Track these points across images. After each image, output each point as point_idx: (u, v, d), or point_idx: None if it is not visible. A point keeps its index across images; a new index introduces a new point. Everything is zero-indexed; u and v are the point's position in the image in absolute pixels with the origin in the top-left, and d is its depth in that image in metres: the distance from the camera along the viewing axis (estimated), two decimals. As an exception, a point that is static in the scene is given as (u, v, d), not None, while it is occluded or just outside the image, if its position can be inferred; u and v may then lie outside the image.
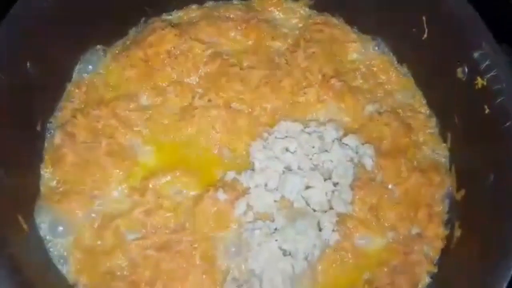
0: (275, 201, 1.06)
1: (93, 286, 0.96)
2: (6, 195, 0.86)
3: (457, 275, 0.98)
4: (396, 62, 1.26)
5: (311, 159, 1.11)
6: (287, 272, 0.99)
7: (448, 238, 1.05)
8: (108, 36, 1.22)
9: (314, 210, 1.05)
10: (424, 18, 1.13)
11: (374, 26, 1.27)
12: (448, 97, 1.13)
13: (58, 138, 1.09)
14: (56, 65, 1.11)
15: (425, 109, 1.21)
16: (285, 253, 1.00)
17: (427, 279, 1.02)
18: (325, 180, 1.08)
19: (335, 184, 1.08)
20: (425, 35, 1.15)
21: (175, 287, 0.96)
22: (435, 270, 1.02)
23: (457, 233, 1.03)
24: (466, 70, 1.05)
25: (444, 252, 1.04)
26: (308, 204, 1.06)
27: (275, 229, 1.02)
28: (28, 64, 1.01)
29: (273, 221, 1.04)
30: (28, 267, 0.78)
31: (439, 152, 1.16)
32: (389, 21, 1.23)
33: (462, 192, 1.07)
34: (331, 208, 1.06)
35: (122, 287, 0.95)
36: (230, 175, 1.08)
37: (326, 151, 1.11)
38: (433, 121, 1.19)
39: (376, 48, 1.28)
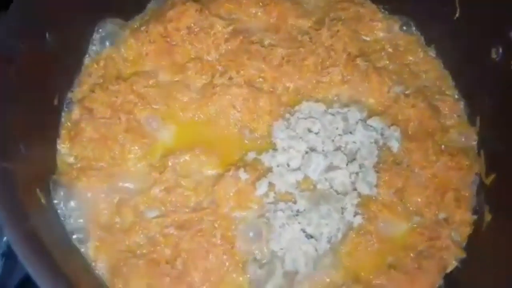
0: (297, 181, 1.02)
1: (112, 264, 0.94)
2: (25, 170, 0.84)
3: (486, 260, 0.95)
4: (424, 43, 1.22)
5: (333, 140, 1.07)
6: (310, 254, 0.96)
7: (477, 224, 1.02)
8: (126, 10, 1.20)
9: (338, 193, 1.02)
10: (456, -5, 1.09)
11: (401, 4, 1.23)
12: (479, 79, 1.10)
13: (76, 113, 1.06)
14: (74, 37, 1.09)
15: (453, 91, 1.17)
16: (308, 236, 0.98)
17: (455, 264, 0.99)
18: (348, 161, 1.05)
19: (359, 166, 1.05)
20: (457, 14, 1.10)
21: (195, 266, 0.93)
22: (464, 255, 0.99)
23: (487, 218, 1.00)
24: (501, 50, 1.01)
25: (473, 237, 1.01)
26: (331, 186, 1.03)
27: (298, 211, 1.00)
28: (47, 35, 0.97)
29: (295, 203, 1.01)
30: (48, 241, 0.76)
31: (468, 136, 1.12)
32: (417, -1, 1.19)
33: (492, 176, 1.03)
34: (354, 190, 1.03)
35: (141, 265, 0.93)
36: (251, 155, 1.05)
37: (350, 132, 1.08)
38: (462, 103, 1.16)
39: (403, 27, 1.24)
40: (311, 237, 0.97)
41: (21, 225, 0.72)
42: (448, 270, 0.98)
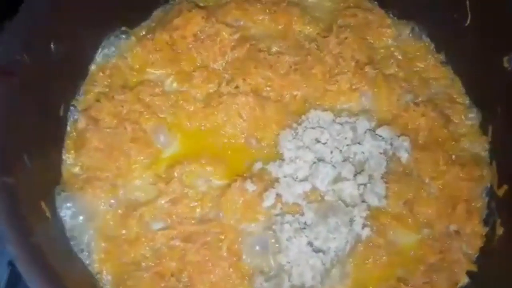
0: (305, 192, 1.01)
1: (117, 276, 0.93)
2: (29, 181, 0.83)
3: (499, 275, 0.93)
4: (433, 49, 1.20)
5: (341, 151, 1.05)
6: (317, 268, 0.94)
7: (489, 236, 1.00)
8: (132, 17, 1.19)
9: (346, 205, 1.00)
10: (467, 2, 1.06)
11: (410, 10, 1.21)
12: (490, 88, 1.07)
13: (82, 122, 1.05)
14: (79, 47, 1.08)
15: (464, 100, 1.15)
16: (315, 249, 0.96)
17: (466, 279, 0.97)
18: (357, 172, 1.03)
19: (367, 177, 1.03)
20: (468, 21, 1.08)
21: (201, 280, 0.92)
22: (475, 269, 0.97)
23: (499, 231, 0.97)
24: (514, 59, 0.99)
25: (485, 251, 0.99)
26: (339, 198, 1.01)
27: (305, 223, 0.98)
28: (52, 44, 0.97)
29: (302, 215, 0.99)
30: (52, 256, 0.75)
31: (479, 145, 1.10)
32: (427, 5, 1.17)
33: (504, 188, 1.01)
34: (363, 201, 1.01)
35: (146, 277, 0.92)
36: (258, 165, 1.04)
37: (359, 143, 1.06)
38: (473, 112, 1.13)
39: (412, 34, 1.22)
40: (319, 251, 0.95)
41: (25, 241, 0.71)
42: (459, 286, 0.96)
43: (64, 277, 0.74)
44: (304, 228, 0.97)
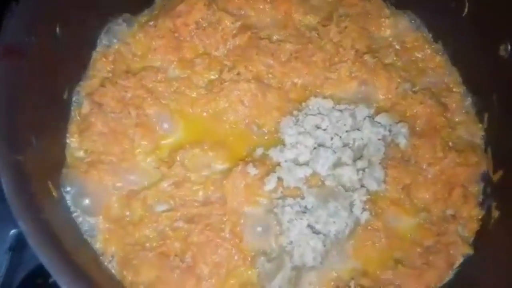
0: (305, 176, 1.03)
1: (122, 256, 0.95)
2: (37, 162, 0.84)
3: (495, 256, 0.95)
4: (431, 39, 1.22)
5: (341, 137, 1.08)
6: (318, 249, 0.96)
7: (484, 220, 1.02)
8: (135, 4, 1.20)
9: (346, 190, 1.02)
10: (465, -8, 1.09)
11: (409, 1, 1.22)
12: (487, 76, 1.10)
13: (86, 107, 1.06)
14: (83, 31, 1.09)
15: (460, 88, 1.18)
16: (316, 231, 0.98)
17: (462, 260, 0.99)
18: (356, 158, 1.06)
19: (366, 162, 1.05)
20: (466, 10, 1.10)
21: (204, 260, 0.94)
22: (471, 251, 1.00)
23: (495, 214, 1.00)
24: (510, 47, 1.01)
25: (481, 233, 1.01)
26: (339, 183, 1.03)
27: (306, 207, 1.00)
28: (57, 28, 0.97)
29: (303, 198, 1.01)
30: (60, 233, 0.76)
31: (475, 132, 1.12)
32: (425, -5, 1.19)
33: (500, 173, 1.03)
34: (362, 186, 1.04)
35: (151, 257, 0.93)
36: (259, 150, 1.06)
37: (358, 129, 1.09)
38: (469, 100, 1.16)
39: (411, 24, 1.24)
40: (319, 233, 0.97)
41: (35, 217, 0.72)
42: (455, 267, 0.98)
43: (72, 253, 0.75)
44: (305, 212, 0.99)
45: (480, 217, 1.03)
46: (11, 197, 0.71)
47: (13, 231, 1.14)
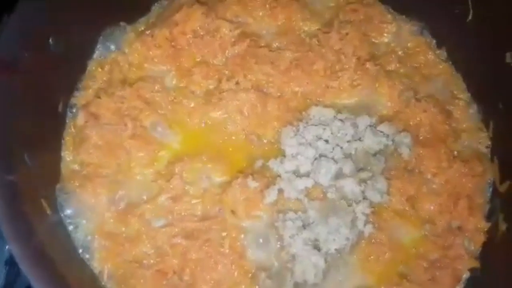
0: (306, 188, 1.00)
1: (119, 275, 0.92)
2: (30, 180, 0.82)
3: (502, 270, 0.92)
4: (434, 45, 1.19)
5: (342, 147, 1.05)
6: (319, 266, 0.94)
7: (491, 232, 0.99)
8: (131, 13, 1.18)
9: (349, 205, 0.99)
10: (469, -3, 1.06)
11: (411, 5, 1.20)
12: (492, 83, 1.07)
13: (81, 118, 1.04)
14: (78, 42, 1.07)
15: (465, 95, 1.15)
16: (317, 247, 0.95)
17: (469, 274, 0.96)
18: (358, 169, 1.03)
19: (369, 173, 1.02)
20: (470, 17, 1.07)
21: (203, 277, 0.92)
22: (478, 265, 0.97)
23: (502, 227, 0.97)
24: (516, 55, 0.99)
25: (488, 246, 0.98)
26: (341, 195, 1.00)
27: (307, 223, 0.97)
28: (50, 39, 0.95)
29: (305, 212, 0.99)
30: (54, 254, 0.74)
31: (481, 141, 1.10)
32: (428, 0, 1.16)
33: (507, 184, 1.01)
34: (364, 198, 1.01)
35: (148, 275, 0.91)
36: (259, 162, 1.03)
37: (360, 139, 1.06)
38: (474, 107, 1.13)
39: (414, 29, 1.21)
40: (321, 249, 0.95)
41: (27, 241, 0.70)
42: (462, 281, 0.96)
43: (66, 276, 0.73)
44: (306, 227, 0.96)
45: (486, 229, 1.00)
46: (2, 222, 0.69)
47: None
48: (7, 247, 1.12)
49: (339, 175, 1.02)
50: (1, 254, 1.11)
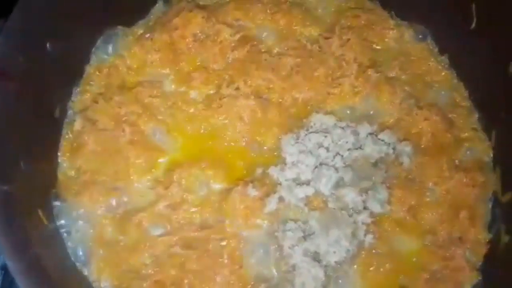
0: (307, 196, 0.99)
1: (116, 285, 0.91)
2: (26, 189, 0.80)
3: (504, 283, 0.92)
4: (437, 52, 1.18)
5: (343, 156, 1.04)
6: (319, 278, 0.93)
7: (493, 244, 0.98)
8: (129, 16, 1.15)
9: (349, 216, 0.98)
10: (473, 5, 1.05)
11: (414, 12, 1.18)
12: (495, 92, 1.06)
13: (78, 124, 1.02)
14: (76, 46, 1.05)
15: (467, 103, 1.13)
16: (317, 259, 0.94)
17: (470, 287, 0.96)
18: (358, 178, 1.02)
19: (369, 183, 1.01)
20: (473, 25, 1.06)
21: (202, 288, 0.90)
22: (479, 277, 0.96)
23: (504, 239, 0.96)
24: (520, 64, 0.98)
25: (490, 258, 0.97)
26: (342, 205, 0.99)
27: (308, 233, 0.96)
28: (47, 44, 0.93)
29: (305, 222, 0.97)
30: (50, 266, 0.73)
31: (483, 151, 1.08)
32: (431, 6, 1.14)
33: (509, 195, 1.00)
34: (365, 208, 1.00)
35: (146, 287, 0.89)
36: (259, 169, 1.02)
37: (360, 147, 1.05)
38: (476, 116, 1.12)
39: (416, 36, 1.19)
40: (321, 261, 0.94)
41: (22, 254, 0.68)
42: (464, 294, 0.95)
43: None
44: (306, 238, 0.95)
45: (487, 240, 0.99)
46: (-3, 236, 0.67)
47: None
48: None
49: (339, 184, 1.01)
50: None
